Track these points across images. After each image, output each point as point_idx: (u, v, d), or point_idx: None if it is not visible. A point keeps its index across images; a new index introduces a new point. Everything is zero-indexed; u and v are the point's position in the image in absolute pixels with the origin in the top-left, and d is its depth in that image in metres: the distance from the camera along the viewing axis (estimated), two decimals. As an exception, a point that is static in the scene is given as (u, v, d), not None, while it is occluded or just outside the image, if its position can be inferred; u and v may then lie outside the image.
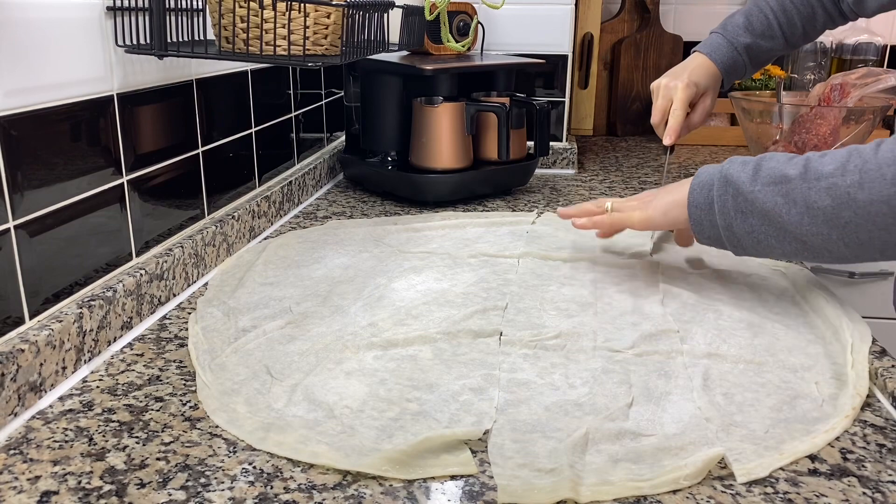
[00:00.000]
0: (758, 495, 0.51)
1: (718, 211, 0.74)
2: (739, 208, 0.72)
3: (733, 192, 0.72)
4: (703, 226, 0.76)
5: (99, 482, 0.52)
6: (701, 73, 1.04)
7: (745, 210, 0.72)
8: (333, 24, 0.81)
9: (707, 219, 0.75)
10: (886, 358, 0.69)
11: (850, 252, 0.68)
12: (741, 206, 0.72)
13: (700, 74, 1.04)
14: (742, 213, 0.72)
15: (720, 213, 0.73)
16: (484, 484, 0.52)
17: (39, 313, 0.66)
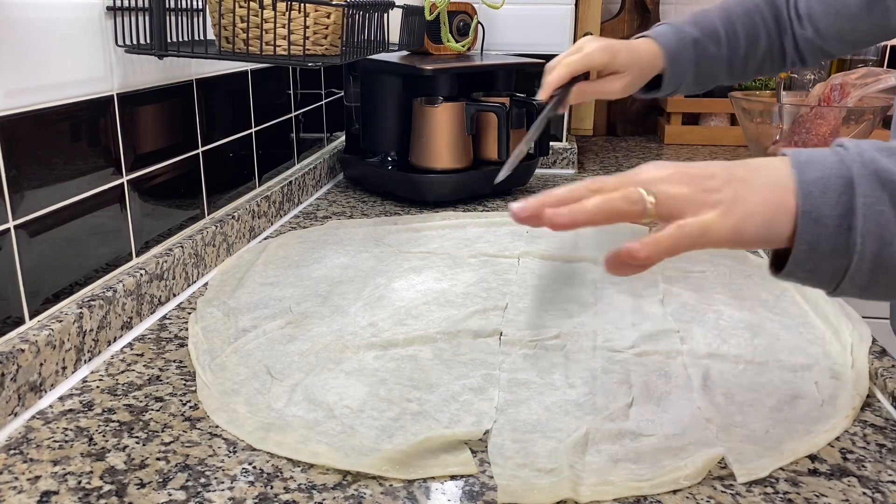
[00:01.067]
0: (758, 495, 0.51)
1: (866, 230, 0.44)
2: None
3: (892, 192, 0.45)
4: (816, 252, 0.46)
5: (99, 482, 0.52)
6: (633, 49, 0.84)
7: None
8: (333, 24, 0.81)
9: (833, 243, 0.45)
10: (886, 358, 0.69)
11: None
12: None
13: (631, 50, 0.83)
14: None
15: (869, 233, 0.44)
16: (484, 484, 0.52)
17: (39, 313, 0.66)
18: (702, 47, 0.87)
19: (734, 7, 0.90)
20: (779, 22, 0.90)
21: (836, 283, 0.46)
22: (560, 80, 0.78)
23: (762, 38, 0.89)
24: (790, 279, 0.47)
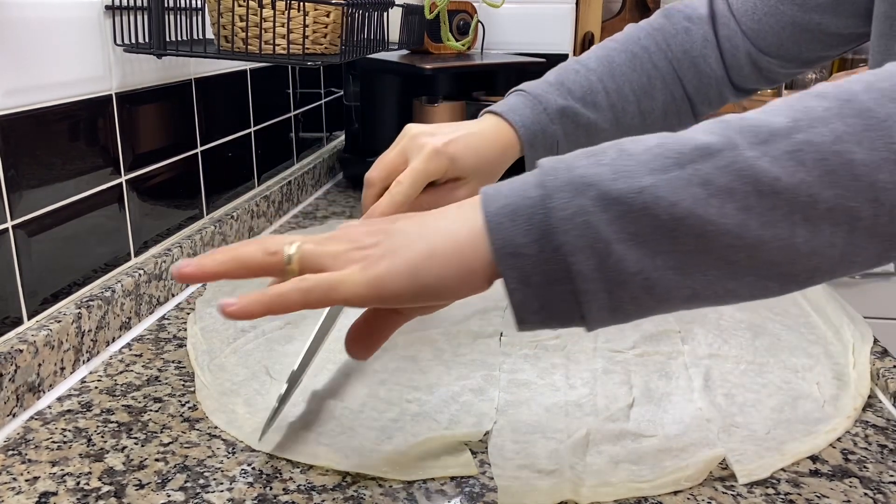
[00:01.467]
0: (759, 496, 0.51)
1: (575, 245, 0.39)
2: (621, 228, 0.39)
3: (598, 200, 0.39)
4: (532, 286, 0.40)
5: (97, 483, 0.51)
6: (479, 147, 0.63)
7: (633, 229, 0.39)
8: (333, 23, 0.81)
9: (545, 270, 0.40)
10: (888, 358, 0.69)
11: (809, 265, 0.40)
12: (625, 224, 0.39)
13: (476, 148, 0.63)
14: (630, 238, 0.39)
15: (580, 248, 0.39)
16: (484, 485, 0.52)
17: (38, 313, 0.65)
18: (571, 117, 0.67)
19: (615, 55, 0.71)
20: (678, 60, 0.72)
21: (580, 315, 0.41)
22: (390, 212, 0.61)
23: (656, 86, 0.71)
24: (531, 327, 0.42)
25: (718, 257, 0.39)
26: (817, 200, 0.38)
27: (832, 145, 0.38)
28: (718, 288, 0.40)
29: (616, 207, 0.39)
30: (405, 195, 0.60)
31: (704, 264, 0.39)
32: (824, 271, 0.40)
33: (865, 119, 0.38)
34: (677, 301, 0.41)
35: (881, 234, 0.39)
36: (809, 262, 0.39)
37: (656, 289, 0.40)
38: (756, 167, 0.38)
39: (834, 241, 0.39)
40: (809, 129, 0.38)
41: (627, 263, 0.39)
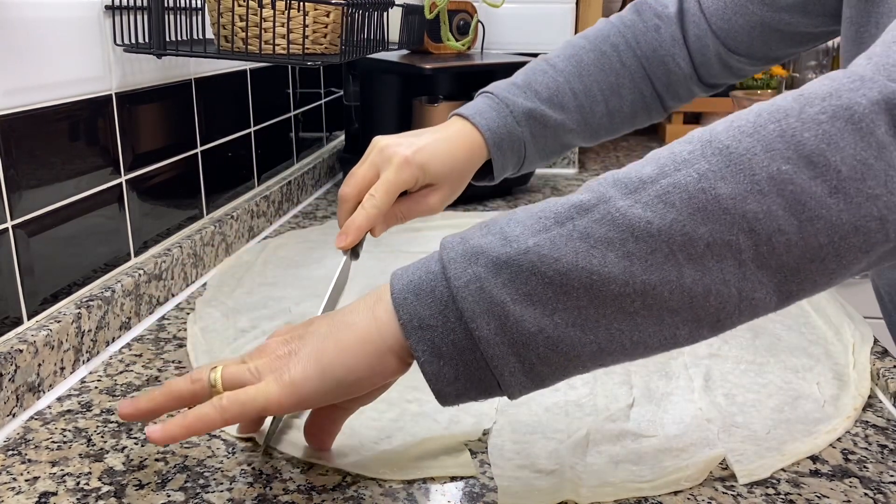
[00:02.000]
0: (759, 496, 0.51)
1: (473, 312, 0.41)
2: (512, 290, 0.40)
3: (489, 266, 0.41)
4: (444, 358, 0.42)
5: (97, 483, 0.51)
6: (446, 152, 0.65)
7: (524, 289, 0.40)
8: (333, 23, 0.81)
9: (451, 340, 0.42)
10: (888, 358, 0.69)
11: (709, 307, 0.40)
12: (516, 285, 0.40)
13: (444, 154, 0.65)
14: (522, 298, 0.40)
15: (478, 314, 0.41)
16: (484, 485, 0.52)
17: (38, 314, 0.65)
18: (538, 118, 0.68)
19: (584, 53, 0.72)
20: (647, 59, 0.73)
21: (496, 382, 0.42)
22: (366, 225, 0.62)
23: (625, 85, 0.72)
24: (451, 401, 0.44)
25: (616, 308, 0.40)
26: (693, 238, 0.39)
27: (698, 184, 0.39)
28: (624, 340, 0.41)
29: (506, 270, 0.40)
30: (378, 207, 0.61)
31: (603, 317, 0.40)
32: (730, 312, 0.41)
33: (726, 156, 0.39)
34: (586, 358, 0.42)
35: (771, 266, 0.40)
36: (708, 303, 0.40)
37: (561, 346, 0.41)
38: (629, 214, 0.40)
39: (726, 278, 0.40)
40: (675, 172, 0.40)
41: (526, 324, 0.40)
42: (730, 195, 0.39)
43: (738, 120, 0.41)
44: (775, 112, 0.40)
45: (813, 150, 0.39)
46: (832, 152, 0.38)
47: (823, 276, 0.41)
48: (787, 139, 0.39)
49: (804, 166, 0.39)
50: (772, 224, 0.39)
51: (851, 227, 0.39)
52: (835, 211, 0.39)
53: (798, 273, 0.40)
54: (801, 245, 0.39)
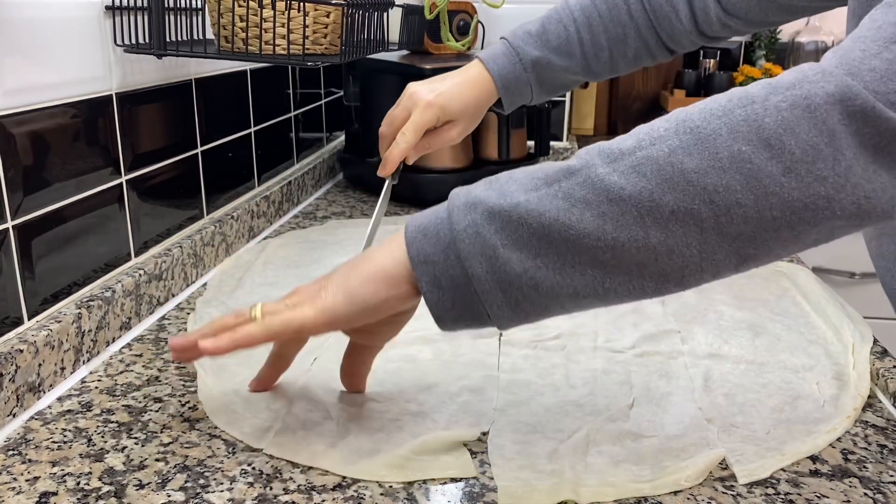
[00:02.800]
0: (759, 496, 0.51)
1: (468, 253, 0.48)
2: (503, 235, 0.47)
3: (485, 214, 0.48)
4: (444, 289, 0.49)
5: (98, 483, 0.51)
6: (462, 94, 0.78)
7: (513, 236, 0.47)
8: (333, 24, 0.81)
9: (450, 274, 0.49)
10: (888, 358, 0.69)
11: (673, 262, 0.46)
12: (505, 232, 0.47)
13: (460, 95, 0.77)
14: (512, 244, 0.47)
15: (473, 254, 0.48)
16: (484, 485, 0.52)
17: (38, 314, 0.65)
18: (545, 65, 0.79)
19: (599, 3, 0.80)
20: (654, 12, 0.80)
21: (486, 314, 0.49)
22: (400, 157, 0.76)
23: (630, 44, 0.81)
24: (449, 326, 0.51)
25: (589, 259, 0.46)
26: (660, 204, 0.45)
27: (667, 158, 0.45)
28: (597, 287, 0.48)
29: (499, 220, 0.47)
30: (408, 142, 0.75)
31: (579, 265, 0.47)
32: (693, 271, 0.47)
33: (695, 135, 0.45)
34: (564, 299, 0.48)
35: (730, 233, 0.45)
36: (672, 261, 0.46)
37: (541, 287, 0.47)
38: (606, 181, 0.46)
39: (688, 241, 0.45)
40: (650, 146, 0.46)
41: (513, 265, 0.47)
42: (694, 169, 0.44)
43: (713, 102, 0.46)
44: (744, 98, 0.45)
45: (771, 134, 0.44)
46: (788, 137, 0.43)
47: (778, 244, 0.46)
48: (750, 123, 0.44)
49: (762, 148, 0.44)
50: (730, 197, 0.44)
51: (802, 204, 0.44)
52: (787, 188, 0.44)
53: (755, 240, 0.45)
54: (757, 217, 0.44)
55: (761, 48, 1.89)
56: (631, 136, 0.48)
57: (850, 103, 0.43)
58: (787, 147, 0.43)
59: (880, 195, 0.44)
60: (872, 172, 0.44)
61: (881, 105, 0.43)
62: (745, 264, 0.48)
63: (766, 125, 0.44)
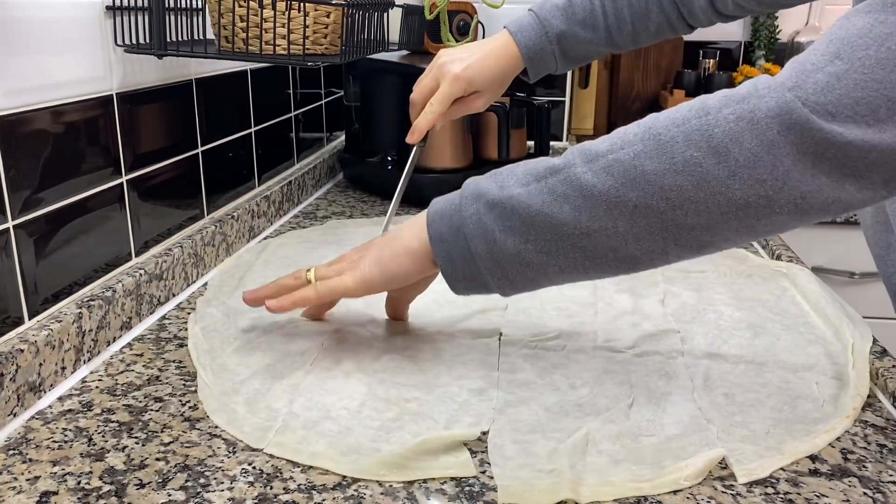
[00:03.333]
0: (758, 496, 0.51)
1: (472, 235, 0.58)
2: (499, 222, 0.57)
3: (486, 204, 0.58)
4: (455, 263, 0.60)
5: (98, 482, 0.52)
6: (489, 66, 0.83)
7: (507, 223, 0.57)
8: (333, 24, 0.81)
9: (460, 252, 0.59)
10: (887, 358, 0.69)
11: (640, 247, 0.54)
12: (501, 219, 0.57)
13: (487, 68, 0.82)
14: (506, 230, 0.57)
15: (475, 237, 0.58)
16: (484, 484, 0.52)
17: (39, 313, 0.66)
18: (570, 38, 0.84)
19: None
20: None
21: (488, 284, 0.59)
22: (428, 126, 0.84)
23: (653, 18, 0.84)
24: (462, 293, 0.62)
25: (570, 243, 0.55)
26: (625, 200, 0.53)
27: (632, 161, 0.52)
28: (578, 265, 0.56)
29: (497, 209, 0.57)
30: (436, 113, 0.82)
31: (562, 248, 0.56)
32: (659, 254, 0.55)
33: (656, 141, 0.52)
34: (552, 274, 0.58)
35: (686, 224, 0.52)
36: (640, 246, 0.54)
37: (531, 265, 0.57)
38: (581, 179, 0.54)
39: (651, 230, 0.53)
40: (620, 150, 0.54)
41: (507, 247, 0.57)
42: (653, 171, 0.52)
43: (678, 111, 0.53)
44: (702, 108, 0.52)
45: (719, 143, 0.50)
46: (733, 146, 0.50)
47: (731, 233, 0.53)
48: (703, 133, 0.51)
49: (711, 155, 0.50)
50: (683, 195, 0.51)
51: (745, 202, 0.50)
52: (732, 189, 0.50)
53: (709, 229, 0.52)
54: (707, 212, 0.51)
55: (761, 48, 1.89)
56: (607, 139, 0.55)
57: (787, 117, 0.49)
58: (732, 154, 0.50)
59: (817, 196, 0.50)
60: (811, 176, 0.49)
61: (815, 117, 0.48)
62: (705, 249, 0.55)
63: (715, 135, 0.50)
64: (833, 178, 0.50)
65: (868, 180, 0.50)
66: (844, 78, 0.49)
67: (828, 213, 0.52)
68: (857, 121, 0.48)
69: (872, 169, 0.49)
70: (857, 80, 0.48)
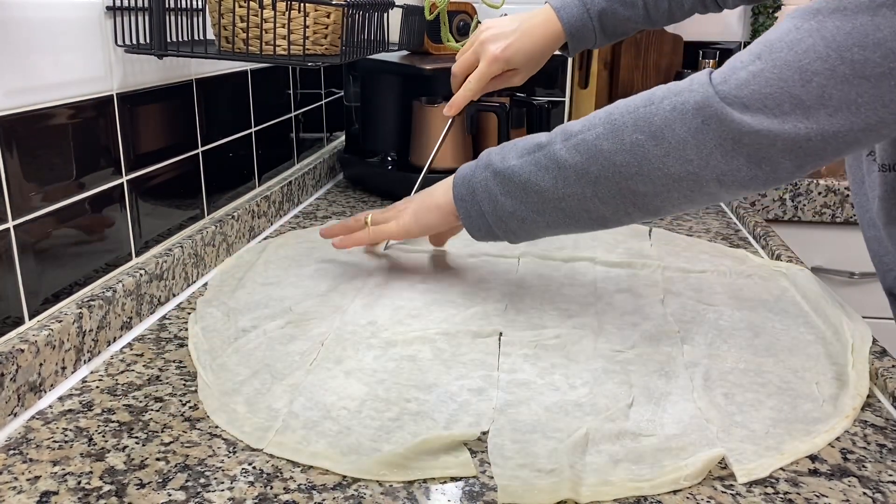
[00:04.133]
0: (758, 495, 0.51)
1: (482, 198, 0.73)
2: (500, 188, 0.71)
3: (492, 173, 0.72)
4: (472, 218, 0.75)
5: (98, 482, 0.52)
6: (529, 45, 0.88)
7: (505, 188, 0.71)
8: (333, 24, 0.81)
9: (474, 209, 0.74)
10: (887, 358, 0.69)
11: (607, 209, 0.67)
12: (502, 185, 0.71)
13: (526, 46, 0.87)
14: (505, 193, 0.71)
15: (484, 199, 0.73)
16: (484, 484, 0.52)
17: (39, 313, 0.66)
18: (610, 15, 0.89)
19: None
20: None
21: (497, 234, 0.75)
22: (465, 102, 0.91)
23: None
24: (481, 240, 0.77)
25: (552, 205, 0.69)
26: (588, 172, 0.66)
27: (594, 141, 0.65)
28: (561, 222, 0.71)
29: (499, 177, 0.72)
30: (473, 91, 0.90)
31: (547, 208, 0.70)
32: (622, 214, 0.67)
33: (612, 125, 0.65)
34: (543, 227, 0.72)
35: (638, 191, 0.65)
36: (606, 207, 0.67)
37: (525, 221, 0.72)
38: (558, 154, 0.68)
39: (612, 195, 0.66)
40: (587, 131, 0.66)
41: (506, 207, 0.72)
42: (608, 150, 0.64)
43: (633, 100, 0.65)
44: (648, 99, 0.64)
45: (657, 128, 0.62)
46: (667, 131, 0.62)
47: (675, 199, 0.64)
48: (647, 119, 0.63)
49: (651, 137, 0.62)
50: (630, 169, 0.64)
51: (678, 176, 0.62)
52: (668, 165, 0.62)
53: (657, 197, 0.64)
54: (651, 183, 0.64)
55: (761, 48, 1.89)
56: (582, 120, 0.68)
57: (707, 110, 0.59)
58: (667, 138, 0.62)
59: (736, 174, 0.61)
60: (731, 158, 0.60)
61: (731, 109, 0.58)
62: (659, 212, 0.67)
63: (654, 122, 0.62)
64: (750, 160, 0.60)
65: (779, 164, 0.59)
66: (759, 76, 0.58)
67: (749, 189, 0.62)
68: (766, 113, 0.58)
69: (782, 155, 0.59)
70: (769, 79, 0.57)
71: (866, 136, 0.57)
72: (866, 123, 0.56)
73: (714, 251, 0.99)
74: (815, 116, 0.57)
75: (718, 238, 1.07)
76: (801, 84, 0.57)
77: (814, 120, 0.57)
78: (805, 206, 1.48)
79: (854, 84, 0.55)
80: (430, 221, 0.81)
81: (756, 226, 1.08)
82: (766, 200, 1.48)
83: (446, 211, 0.78)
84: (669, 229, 1.10)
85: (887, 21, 0.54)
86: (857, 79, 0.55)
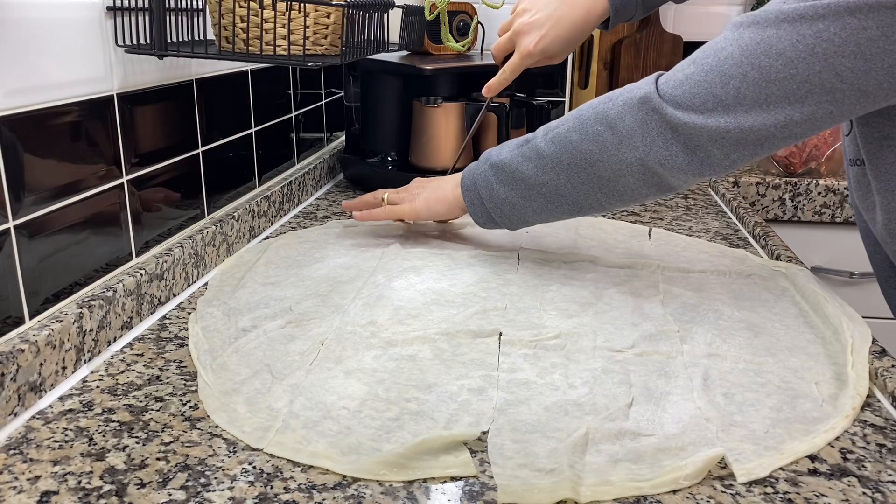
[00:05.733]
0: (758, 495, 0.51)
1: (481, 187, 0.85)
2: (496, 177, 0.83)
3: (490, 165, 0.84)
4: (475, 206, 0.86)
5: (99, 482, 0.52)
6: (563, 33, 0.91)
7: (499, 177, 0.82)
8: (333, 24, 0.81)
9: (476, 198, 0.86)
10: (886, 358, 0.69)
11: (579, 194, 0.78)
12: (496, 175, 0.83)
13: (561, 36, 0.91)
14: (499, 182, 0.82)
15: (483, 188, 0.84)
16: (484, 484, 0.52)
17: (39, 313, 0.66)
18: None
19: None
20: None
21: (496, 221, 0.86)
22: (502, 87, 0.97)
23: None
24: (485, 227, 0.88)
25: (536, 192, 0.81)
26: (562, 160, 0.77)
27: (565, 134, 0.77)
28: (545, 208, 0.82)
29: (495, 168, 0.83)
30: (507, 79, 0.97)
31: (532, 195, 0.81)
32: (594, 201, 0.78)
33: (579, 120, 0.76)
34: (532, 213, 0.83)
35: (603, 176, 0.76)
36: (578, 192, 0.78)
37: (517, 207, 0.83)
38: (539, 146, 0.79)
39: (583, 181, 0.77)
40: (561, 125, 0.78)
41: (500, 194, 0.83)
42: (576, 140, 0.76)
43: (599, 99, 0.76)
44: (609, 96, 0.75)
45: (612, 120, 0.73)
46: (620, 122, 0.73)
47: (633, 183, 0.75)
48: (606, 112, 0.74)
49: (608, 128, 0.74)
50: (593, 156, 0.75)
51: (629, 163, 0.73)
52: (621, 151, 0.73)
53: (619, 180, 0.75)
54: (610, 169, 0.75)
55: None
56: (561, 118, 0.79)
57: (649, 105, 0.71)
58: (619, 128, 0.73)
59: (675, 159, 0.71)
60: (672, 145, 0.71)
61: (667, 105, 0.70)
62: (623, 197, 0.77)
63: (610, 114, 0.73)
64: (686, 148, 0.70)
65: (710, 152, 0.70)
66: (691, 78, 0.69)
67: (687, 173, 0.72)
68: (694, 110, 0.68)
69: (710, 144, 0.69)
70: (698, 81, 0.68)
71: (781, 132, 0.67)
72: (777, 120, 0.66)
73: (714, 251, 0.99)
74: (734, 113, 0.67)
75: (718, 238, 1.07)
76: (721, 85, 0.67)
77: (732, 116, 0.67)
78: (805, 206, 1.48)
79: (762, 86, 0.65)
80: (438, 209, 0.93)
81: (756, 226, 1.08)
82: (765, 200, 1.48)
83: (453, 204, 0.90)
84: (669, 229, 1.10)
85: (787, 34, 0.63)
86: (765, 82, 0.65)
